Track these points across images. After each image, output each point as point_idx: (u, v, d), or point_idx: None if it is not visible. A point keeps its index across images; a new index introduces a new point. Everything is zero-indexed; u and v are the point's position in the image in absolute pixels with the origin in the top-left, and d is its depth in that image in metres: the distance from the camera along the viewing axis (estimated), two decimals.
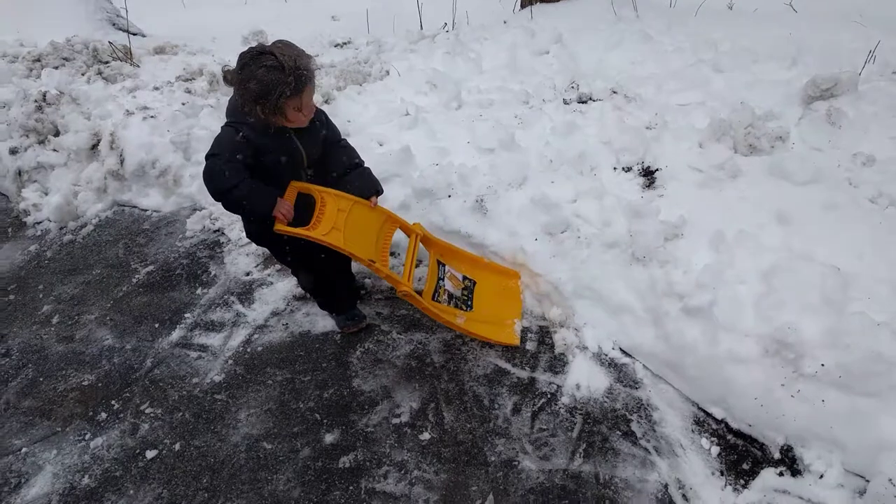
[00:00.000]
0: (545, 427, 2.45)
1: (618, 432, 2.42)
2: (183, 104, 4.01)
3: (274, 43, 2.19)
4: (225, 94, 4.28)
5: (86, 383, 2.89)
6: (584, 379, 2.60)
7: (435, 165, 3.27)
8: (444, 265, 2.82)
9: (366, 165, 2.61)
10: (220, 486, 2.39)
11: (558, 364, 2.68)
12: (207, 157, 2.25)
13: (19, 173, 3.98)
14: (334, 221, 2.39)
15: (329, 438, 2.50)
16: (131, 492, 2.42)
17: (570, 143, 3.21)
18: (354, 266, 2.99)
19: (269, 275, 3.33)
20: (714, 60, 3.82)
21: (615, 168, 3.09)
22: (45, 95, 4.06)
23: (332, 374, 2.76)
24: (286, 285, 3.24)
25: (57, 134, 4.04)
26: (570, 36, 4.61)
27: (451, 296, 2.76)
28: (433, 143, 3.52)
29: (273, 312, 3.11)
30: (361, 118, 3.90)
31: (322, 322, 3.01)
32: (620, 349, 2.69)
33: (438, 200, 3.12)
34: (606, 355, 2.68)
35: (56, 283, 3.48)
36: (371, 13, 6.47)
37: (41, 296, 3.42)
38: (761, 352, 2.34)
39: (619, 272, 2.70)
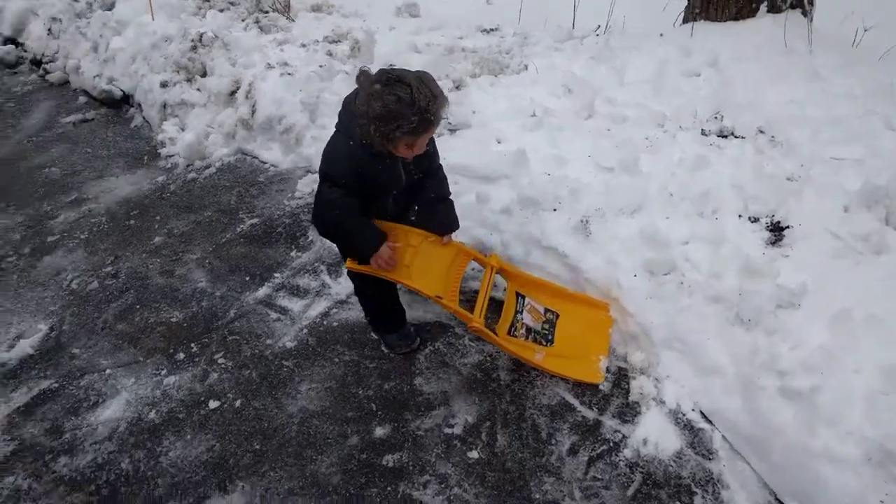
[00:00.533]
0: (600, 477, 2.29)
1: (678, 503, 2.22)
2: (320, 66, 4.09)
3: (416, 73, 2.10)
4: (355, 67, 4.31)
5: (173, 320, 3.05)
6: (653, 435, 2.40)
7: (547, 175, 3.13)
8: (523, 297, 2.71)
9: (450, 199, 2.58)
10: (267, 453, 2.43)
11: (629, 413, 2.49)
12: (323, 177, 2.24)
13: (164, 106, 4.24)
14: (404, 258, 2.42)
15: (379, 432, 2.48)
16: (188, 437, 2.52)
17: (697, 178, 2.95)
18: None
19: None
20: (888, 115, 3.36)
21: (741, 216, 2.81)
22: (201, 37, 4.28)
23: (397, 367, 2.73)
24: None
25: (204, 75, 4.26)
26: (729, 61, 4.23)
27: (529, 329, 2.65)
28: (552, 150, 3.36)
29: None
30: (487, 111, 3.80)
31: None
32: (701, 412, 2.46)
33: (542, 212, 2.98)
34: (684, 415, 2.46)
35: (171, 217, 3.69)
36: (527, 2, 6.30)
37: (156, 226, 3.64)
38: (863, 457, 2.06)
39: (719, 330, 2.46)
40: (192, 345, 2.91)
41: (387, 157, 2.23)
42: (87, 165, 4.20)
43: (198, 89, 4.17)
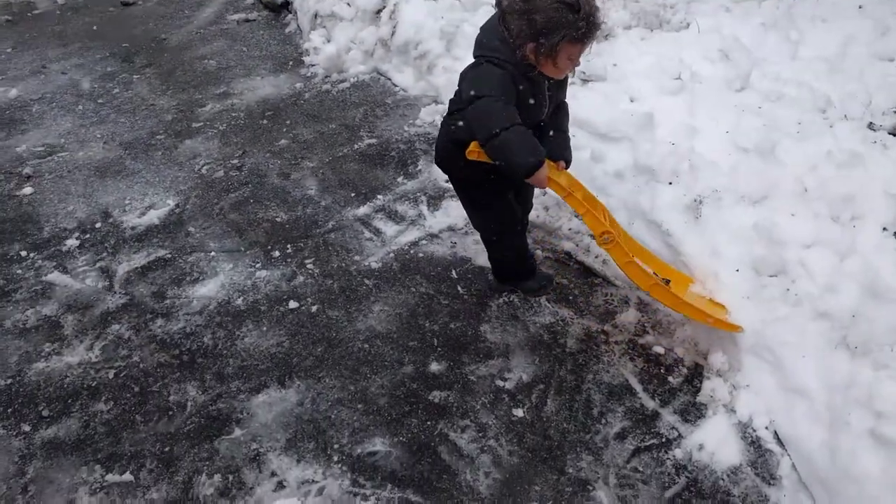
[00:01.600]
0: (641, 469, 2.17)
1: None
2: None
3: None
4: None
5: (278, 219, 3.22)
6: (712, 442, 2.22)
7: (671, 144, 2.88)
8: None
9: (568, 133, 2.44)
10: (327, 360, 2.55)
11: (693, 413, 2.32)
12: (475, 98, 2.04)
13: (315, 16, 4.39)
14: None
15: (434, 367, 2.50)
16: (264, 328, 2.70)
17: (843, 177, 2.58)
18: None
19: None
20: None
21: (885, 229, 2.43)
22: None
23: (468, 309, 2.72)
24: None
25: None
26: None
27: None
28: (688, 118, 3.08)
29: (450, 227, 3.11)
30: (629, 66, 3.54)
31: (484, 257, 2.94)
32: (775, 432, 2.23)
33: (656, 184, 2.77)
34: (754, 431, 2.24)
35: (299, 124, 3.86)
36: None
37: (284, 130, 3.83)
38: None
39: (818, 350, 2.19)
40: (289, 246, 3.07)
41: (539, 82, 2.13)
42: (239, 62, 4.47)
43: (348, 3, 4.25)
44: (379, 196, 3.32)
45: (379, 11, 4.13)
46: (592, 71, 3.48)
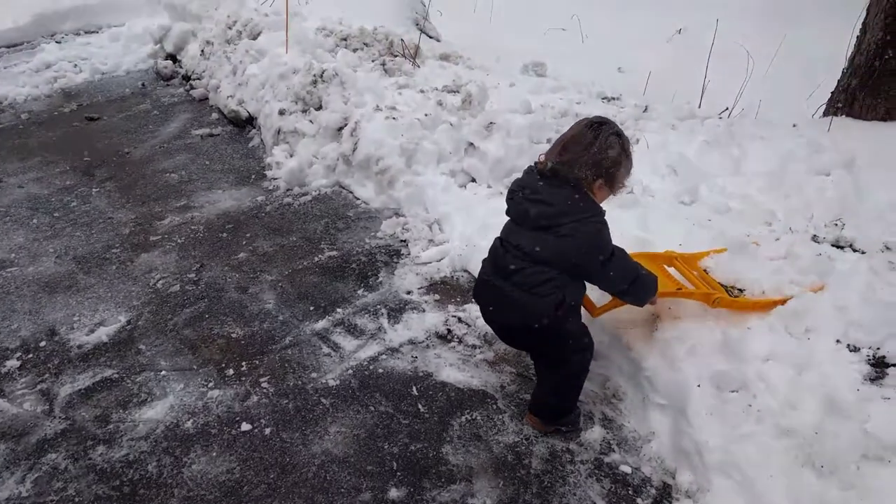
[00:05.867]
0: None
1: None
2: (426, 115, 4.16)
3: (595, 116, 2.39)
4: (461, 119, 4.31)
5: (234, 335, 3.13)
6: None
7: None
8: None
9: None
10: (280, 489, 2.40)
11: None
12: (608, 259, 2.32)
13: (279, 132, 4.49)
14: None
15: (393, 494, 2.37)
16: (214, 454, 2.55)
17: (803, 282, 2.65)
18: None
19: (426, 301, 3.30)
20: None
21: (839, 342, 2.47)
22: (322, 73, 4.51)
23: (429, 429, 2.62)
24: (435, 318, 3.18)
25: (319, 108, 4.47)
26: (867, 165, 3.83)
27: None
28: (641, 232, 3.17)
29: (410, 340, 3.07)
30: None
31: (447, 371, 2.89)
32: None
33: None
34: None
35: (259, 237, 3.84)
36: (657, 74, 6.12)
37: (244, 242, 3.80)
38: None
39: (785, 469, 2.15)
40: (244, 363, 2.97)
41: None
42: (201, 176, 4.50)
43: (310, 121, 4.38)
44: (338, 309, 3.27)
45: (341, 128, 4.25)
46: None
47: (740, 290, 2.70)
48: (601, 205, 2.34)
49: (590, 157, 2.24)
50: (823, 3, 8.05)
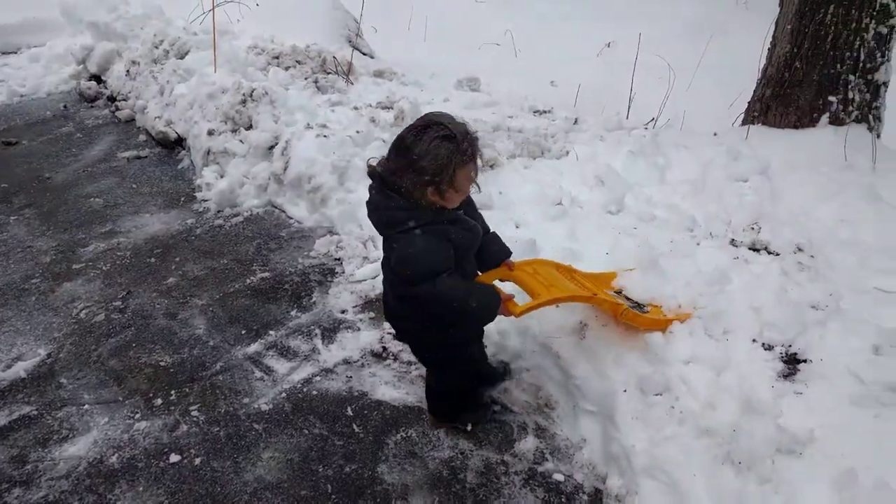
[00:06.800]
0: None
1: None
2: (357, 132, 4.16)
3: (434, 114, 2.09)
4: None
5: (162, 363, 3.04)
6: None
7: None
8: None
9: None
10: None
11: None
12: (425, 279, 2.07)
13: (208, 153, 4.40)
14: (543, 282, 2.48)
15: None
16: (140, 488, 2.46)
17: (712, 293, 2.75)
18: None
19: (360, 319, 3.28)
20: None
21: (754, 341, 2.58)
22: (252, 92, 4.45)
23: (364, 449, 2.60)
24: (370, 336, 3.16)
25: (249, 128, 4.41)
26: (781, 170, 4.01)
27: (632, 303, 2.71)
28: (569, 243, 3.24)
29: (345, 360, 3.04)
30: (513, 194, 3.74)
31: (382, 389, 2.87)
32: None
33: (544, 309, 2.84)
34: None
35: (189, 260, 3.75)
36: (587, 87, 6.29)
37: (173, 267, 3.70)
38: None
39: (706, 468, 2.21)
40: (172, 392, 2.89)
41: (461, 217, 2.19)
42: (127, 200, 4.37)
43: (241, 140, 4.31)
44: (271, 332, 3.22)
45: (272, 147, 4.21)
46: (480, 199, 3.63)
47: (657, 307, 2.72)
48: (452, 207, 2.12)
49: (409, 165, 1.98)
50: (745, 16, 8.45)
